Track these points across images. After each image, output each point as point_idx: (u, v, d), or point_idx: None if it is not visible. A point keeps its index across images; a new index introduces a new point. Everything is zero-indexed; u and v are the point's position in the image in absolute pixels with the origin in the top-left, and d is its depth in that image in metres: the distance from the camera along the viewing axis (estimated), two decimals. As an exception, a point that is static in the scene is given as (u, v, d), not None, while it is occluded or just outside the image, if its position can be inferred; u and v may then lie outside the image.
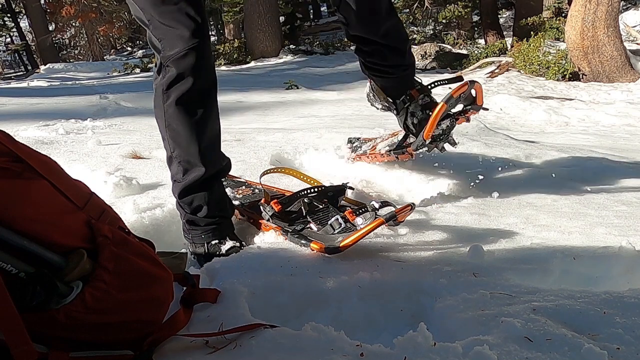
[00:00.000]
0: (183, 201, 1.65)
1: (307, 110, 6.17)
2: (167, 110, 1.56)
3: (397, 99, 1.94)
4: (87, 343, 0.92)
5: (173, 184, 1.67)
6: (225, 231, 1.67)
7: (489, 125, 4.70)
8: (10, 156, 0.90)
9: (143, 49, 21.52)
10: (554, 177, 2.29)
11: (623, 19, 10.72)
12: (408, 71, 1.94)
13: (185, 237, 1.70)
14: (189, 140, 1.57)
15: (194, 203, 1.63)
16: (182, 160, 1.61)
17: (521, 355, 0.96)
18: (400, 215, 1.51)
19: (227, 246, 1.62)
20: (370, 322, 1.24)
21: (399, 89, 1.93)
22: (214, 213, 1.65)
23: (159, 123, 1.63)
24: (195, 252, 1.67)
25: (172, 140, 1.60)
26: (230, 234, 1.68)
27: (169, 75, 1.52)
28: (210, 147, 1.62)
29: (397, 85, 1.94)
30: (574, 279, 1.42)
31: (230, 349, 1.01)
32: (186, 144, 1.58)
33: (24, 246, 0.86)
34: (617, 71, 8.04)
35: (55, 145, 2.97)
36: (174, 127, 1.57)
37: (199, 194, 1.63)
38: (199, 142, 1.58)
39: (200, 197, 1.63)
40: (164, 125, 1.60)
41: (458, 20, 14.99)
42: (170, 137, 1.60)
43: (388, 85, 1.95)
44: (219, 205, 1.68)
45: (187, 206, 1.65)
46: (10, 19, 23.03)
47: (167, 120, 1.58)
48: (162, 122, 1.60)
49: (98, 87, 8.46)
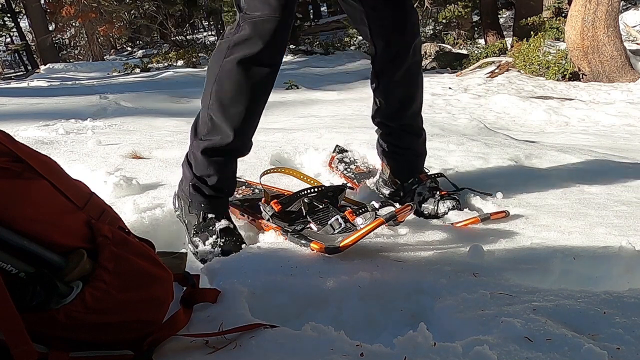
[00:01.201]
0: (196, 162, 1.62)
1: (307, 110, 6.17)
2: (224, 65, 1.54)
3: (405, 182, 1.98)
4: (87, 343, 0.93)
5: (193, 140, 1.64)
6: (223, 209, 1.66)
7: (489, 125, 4.71)
8: (10, 156, 0.90)
9: (143, 49, 21.53)
10: (554, 177, 2.29)
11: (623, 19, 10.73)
12: (420, 157, 2.02)
13: (180, 200, 1.68)
14: (231, 103, 1.55)
15: (207, 169, 1.61)
16: (215, 118, 1.58)
17: (521, 355, 0.96)
18: (400, 215, 1.51)
19: (222, 225, 1.59)
20: (370, 322, 1.24)
21: (409, 173, 1.99)
22: (221, 186, 1.64)
23: (209, 75, 1.61)
24: (187, 219, 1.65)
25: (215, 95, 1.58)
26: (227, 214, 1.66)
27: (241, 34, 1.51)
28: (248, 120, 1.59)
29: (407, 167, 1.99)
30: (574, 279, 1.42)
31: (230, 349, 1.01)
32: (227, 105, 1.56)
33: (24, 246, 0.86)
34: (617, 71, 8.04)
35: (55, 145, 2.97)
36: (223, 84, 1.55)
37: (216, 159, 1.61)
38: (240, 109, 1.56)
39: (216, 164, 1.61)
40: (213, 79, 1.58)
41: (458, 20, 14.99)
42: (214, 91, 1.58)
43: (399, 168, 2.00)
44: (228, 182, 1.67)
45: (197, 169, 1.62)
46: (10, 19, 23.04)
47: (219, 75, 1.56)
48: (213, 75, 1.58)
49: (98, 87, 8.46)
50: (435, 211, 1.85)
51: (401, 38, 1.81)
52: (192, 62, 13.41)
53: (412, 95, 1.93)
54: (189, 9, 19.29)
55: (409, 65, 1.85)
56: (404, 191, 1.97)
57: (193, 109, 6.12)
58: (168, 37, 19.49)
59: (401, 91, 1.90)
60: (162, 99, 6.56)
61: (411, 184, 1.96)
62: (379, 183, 2.11)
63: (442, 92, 7.53)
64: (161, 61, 14.04)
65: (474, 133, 3.69)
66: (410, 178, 1.96)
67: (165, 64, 13.78)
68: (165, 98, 6.69)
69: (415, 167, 2.01)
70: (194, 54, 13.87)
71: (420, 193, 1.91)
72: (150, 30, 21.39)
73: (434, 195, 1.89)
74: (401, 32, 1.80)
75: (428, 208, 1.86)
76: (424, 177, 1.96)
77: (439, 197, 1.87)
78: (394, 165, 2.02)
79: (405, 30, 1.81)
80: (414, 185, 1.94)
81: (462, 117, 4.66)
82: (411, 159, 2.00)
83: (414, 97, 1.93)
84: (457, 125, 4.10)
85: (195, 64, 13.34)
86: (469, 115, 4.99)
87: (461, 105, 6.81)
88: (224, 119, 1.58)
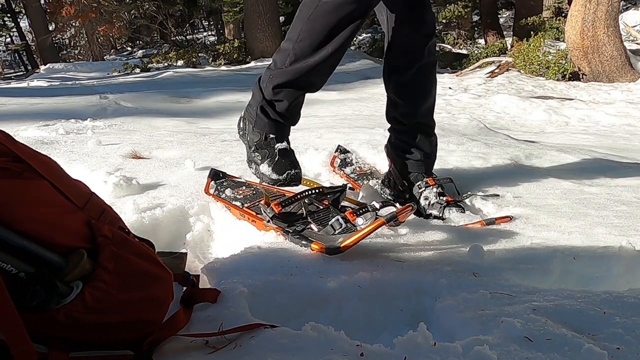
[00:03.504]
0: (269, 87, 1.70)
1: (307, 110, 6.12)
2: (320, 5, 1.57)
3: (412, 184, 1.98)
4: (87, 343, 0.92)
5: (272, 68, 1.71)
6: (286, 134, 1.77)
7: (489, 125, 4.71)
8: (10, 156, 0.90)
9: (143, 49, 21.53)
10: (554, 177, 2.29)
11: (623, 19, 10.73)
12: (430, 159, 2.04)
13: (245, 120, 1.79)
14: (320, 44, 1.60)
15: (281, 94, 1.70)
16: (299, 52, 1.64)
17: (521, 355, 0.96)
18: (401, 216, 1.51)
19: (281, 146, 1.71)
20: (370, 322, 1.24)
21: (417, 175, 1.99)
22: (290, 114, 1.74)
23: (302, 13, 1.65)
24: (250, 136, 1.76)
25: (305, 33, 1.63)
26: (287, 139, 1.76)
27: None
28: (328, 61, 1.65)
29: (417, 168, 2.00)
30: (574, 279, 1.42)
31: (230, 349, 1.01)
32: (316, 45, 1.61)
33: (24, 246, 0.86)
34: (617, 71, 8.04)
35: (55, 145, 2.96)
36: (316, 23, 1.59)
37: (289, 89, 1.69)
38: (325, 50, 1.61)
39: (287, 93, 1.70)
40: (307, 16, 1.62)
41: (458, 20, 15.00)
42: (305, 29, 1.63)
43: (408, 168, 2.01)
44: (294, 111, 1.76)
45: (271, 93, 1.70)
46: (10, 19, 23.04)
47: (313, 14, 1.60)
48: (307, 13, 1.63)
49: (98, 87, 8.44)
50: (440, 217, 1.85)
51: (416, 34, 1.83)
52: (192, 62, 13.40)
53: (427, 94, 1.94)
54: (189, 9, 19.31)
55: (423, 64, 1.87)
56: (410, 193, 1.96)
57: (193, 109, 6.14)
58: (168, 37, 19.49)
59: (416, 89, 1.91)
60: (162, 99, 6.55)
61: (418, 186, 1.95)
62: (384, 184, 2.10)
63: (442, 92, 7.53)
64: (161, 61, 14.02)
65: (474, 133, 3.69)
66: (419, 180, 1.96)
67: (165, 64, 13.76)
68: (165, 98, 6.69)
69: (425, 169, 2.00)
70: (194, 54, 13.85)
71: (426, 197, 1.91)
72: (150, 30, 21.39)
73: (440, 200, 1.88)
74: (416, 29, 1.83)
75: (433, 213, 1.86)
76: (431, 181, 1.95)
77: (445, 203, 1.87)
78: (403, 166, 2.01)
79: (421, 28, 1.84)
80: (421, 189, 1.94)
81: (462, 117, 4.66)
82: (422, 159, 2.00)
83: (429, 96, 1.95)
84: (457, 125, 4.10)
85: (195, 64, 13.33)
86: (469, 115, 4.99)
87: (461, 105, 6.80)
88: (308, 55, 1.64)
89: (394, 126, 2.01)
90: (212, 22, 21.42)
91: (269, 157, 1.71)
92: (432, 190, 1.91)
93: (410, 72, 1.88)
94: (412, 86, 1.91)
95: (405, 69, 1.88)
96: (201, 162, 2.41)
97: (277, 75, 1.70)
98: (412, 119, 1.95)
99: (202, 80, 9.43)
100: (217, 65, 13.02)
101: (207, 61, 13.73)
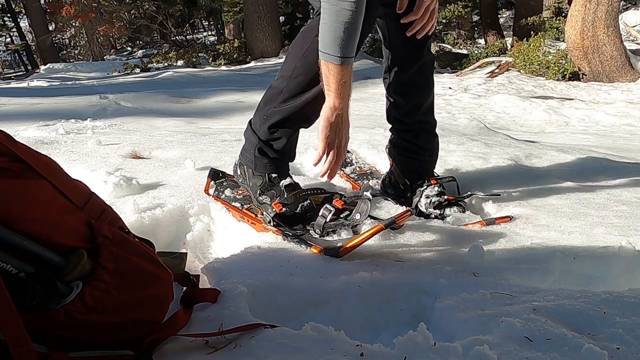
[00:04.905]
0: (264, 127, 1.71)
1: (307, 110, 6.15)
2: (314, 42, 1.56)
3: (414, 184, 1.97)
4: (87, 343, 0.93)
5: (265, 107, 1.73)
6: (287, 170, 1.78)
7: (489, 125, 4.71)
8: (10, 156, 0.90)
9: (143, 49, 21.53)
10: (554, 177, 2.29)
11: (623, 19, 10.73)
12: (433, 159, 2.04)
13: (243, 166, 1.80)
14: (315, 77, 1.59)
15: (277, 132, 1.71)
16: (293, 89, 1.65)
17: (521, 355, 0.96)
18: (400, 221, 1.52)
19: (287, 182, 1.72)
20: (370, 322, 1.25)
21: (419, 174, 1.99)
22: (287, 150, 1.75)
23: (294, 50, 1.67)
24: (252, 181, 1.77)
25: (300, 69, 1.63)
26: (289, 175, 1.78)
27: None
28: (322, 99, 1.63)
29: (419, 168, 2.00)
30: (574, 279, 1.42)
31: (230, 349, 1.01)
32: (311, 79, 1.61)
33: (24, 246, 0.86)
34: (617, 71, 8.04)
35: (55, 145, 2.96)
36: (310, 59, 1.58)
37: (285, 128, 1.71)
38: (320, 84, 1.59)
39: (283, 130, 1.71)
40: (300, 53, 1.64)
41: (458, 20, 14.99)
42: (301, 65, 1.63)
43: (410, 168, 2.00)
44: (292, 148, 1.79)
45: (267, 133, 1.72)
46: (10, 19, 23.02)
47: (307, 50, 1.61)
48: (300, 51, 1.64)
49: (98, 87, 8.44)
50: (442, 216, 1.85)
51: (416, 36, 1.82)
52: (192, 62, 13.39)
53: (427, 92, 1.95)
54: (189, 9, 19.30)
55: (423, 63, 1.89)
56: (412, 193, 1.96)
57: (193, 109, 6.13)
58: (168, 37, 19.49)
59: (417, 88, 1.92)
60: (162, 99, 6.55)
61: (420, 185, 1.95)
62: (385, 183, 2.10)
63: (442, 92, 7.52)
64: (161, 61, 14.02)
65: (474, 133, 3.69)
66: (420, 179, 1.96)
67: (165, 64, 13.76)
68: (165, 98, 6.68)
69: (427, 169, 2.01)
70: (194, 54, 13.84)
71: (427, 196, 1.91)
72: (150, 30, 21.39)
73: (440, 199, 1.88)
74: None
75: (434, 213, 1.86)
76: (433, 181, 1.95)
77: (446, 202, 1.87)
78: (405, 165, 2.01)
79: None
80: (423, 188, 1.94)
81: (462, 117, 4.66)
82: (425, 159, 2.00)
83: (428, 94, 1.96)
84: (457, 125, 4.10)
85: (195, 64, 13.32)
86: (469, 115, 4.99)
87: (461, 105, 6.80)
88: (304, 90, 1.65)
89: (396, 126, 2.01)
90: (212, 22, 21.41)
91: (277, 196, 1.70)
92: (433, 189, 1.91)
93: (411, 72, 1.88)
94: (413, 85, 1.91)
95: (405, 69, 1.88)
96: (201, 162, 2.41)
97: (271, 115, 1.71)
98: (413, 118, 1.95)
99: (202, 80, 9.43)
100: (217, 65, 13.02)
101: (207, 61, 13.72)
